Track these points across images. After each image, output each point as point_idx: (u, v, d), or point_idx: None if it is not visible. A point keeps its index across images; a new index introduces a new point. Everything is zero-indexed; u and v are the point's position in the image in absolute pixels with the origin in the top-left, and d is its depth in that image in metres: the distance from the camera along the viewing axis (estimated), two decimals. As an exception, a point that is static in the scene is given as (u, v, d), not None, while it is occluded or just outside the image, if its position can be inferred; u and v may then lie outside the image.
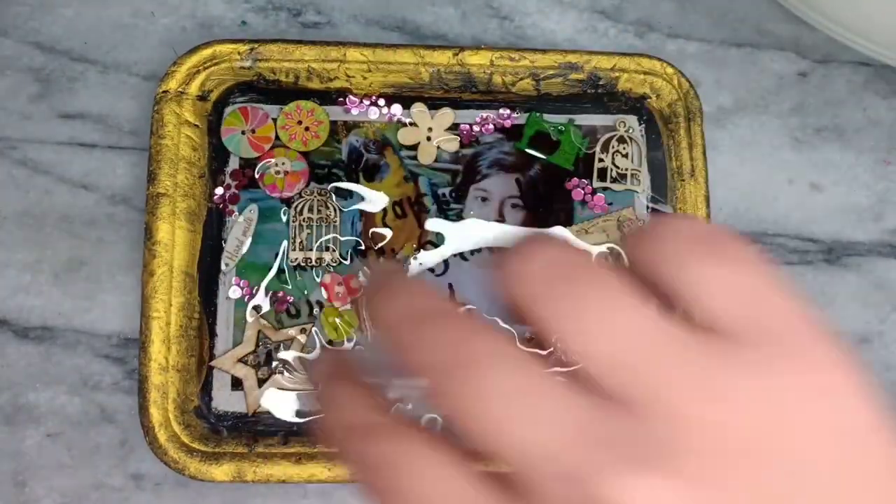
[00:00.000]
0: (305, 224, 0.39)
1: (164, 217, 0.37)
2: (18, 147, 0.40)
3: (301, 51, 0.39)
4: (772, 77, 0.44)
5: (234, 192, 0.39)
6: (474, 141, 0.41)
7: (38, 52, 0.41)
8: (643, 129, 0.42)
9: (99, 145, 0.40)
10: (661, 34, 0.44)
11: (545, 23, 0.44)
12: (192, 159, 0.38)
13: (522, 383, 0.14)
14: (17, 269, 0.38)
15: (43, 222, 0.39)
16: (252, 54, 0.39)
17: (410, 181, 0.40)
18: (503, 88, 0.40)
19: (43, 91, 0.40)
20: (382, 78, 0.40)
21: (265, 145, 0.39)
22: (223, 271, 0.38)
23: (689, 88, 0.41)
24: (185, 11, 0.42)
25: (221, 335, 0.38)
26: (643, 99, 0.41)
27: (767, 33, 0.45)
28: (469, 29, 0.43)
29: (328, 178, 0.40)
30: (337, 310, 0.38)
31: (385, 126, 0.41)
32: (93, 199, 0.39)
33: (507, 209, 0.40)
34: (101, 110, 0.40)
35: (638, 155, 0.41)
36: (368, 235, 0.39)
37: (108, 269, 0.39)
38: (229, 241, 0.39)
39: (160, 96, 0.38)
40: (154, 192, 0.37)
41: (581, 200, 0.41)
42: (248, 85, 0.40)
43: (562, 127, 0.41)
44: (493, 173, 0.41)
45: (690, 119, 0.41)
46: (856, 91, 0.44)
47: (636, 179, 0.41)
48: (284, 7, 0.43)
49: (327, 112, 0.40)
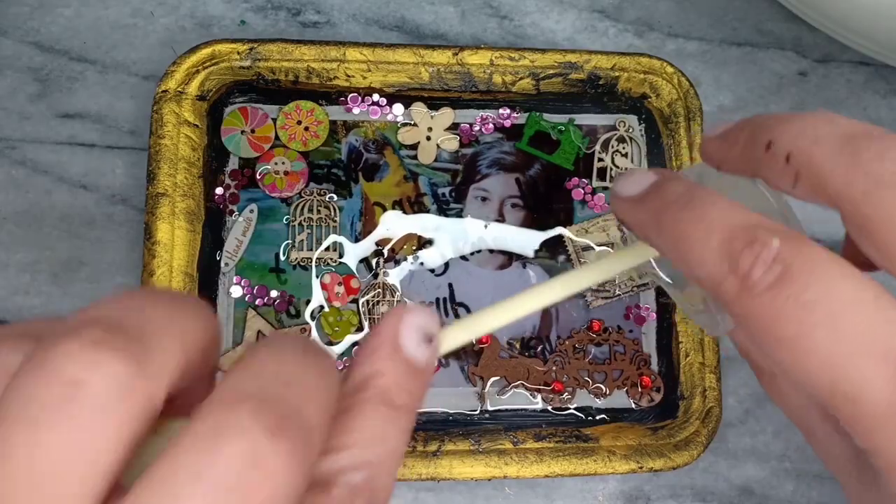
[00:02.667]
0: (305, 224, 0.39)
1: (164, 217, 0.37)
2: (17, 147, 0.39)
3: (300, 50, 0.39)
4: (772, 76, 0.44)
5: (233, 191, 0.39)
6: (474, 140, 0.41)
7: (38, 52, 0.41)
8: (643, 128, 0.42)
9: (98, 145, 0.40)
10: (661, 34, 0.44)
11: (545, 22, 0.44)
12: (191, 159, 0.38)
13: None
14: (16, 268, 0.38)
15: (42, 222, 0.39)
16: (251, 54, 0.39)
17: (410, 181, 0.40)
18: (503, 88, 0.40)
19: (42, 91, 0.40)
20: (382, 77, 0.40)
21: (265, 145, 0.39)
22: (223, 271, 0.38)
23: (689, 88, 0.41)
24: (185, 11, 0.42)
25: (221, 335, 0.37)
26: (643, 98, 0.41)
27: (767, 33, 0.45)
28: (469, 28, 0.43)
29: (328, 177, 0.40)
30: (337, 310, 0.38)
31: (385, 126, 0.41)
32: (92, 198, 0.39)
33: (506, 209, 0.40)
34: (100, 110, 0.40)
35: (638, 154, 0.41)
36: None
37: (107, 270, 0.39)
38: (229, 241, 0.38)
39: (159, 96, 0.38)
40: (153, 191, 0.37)
41: (581, 200, 0.41)
42: (247, 85, 0.40)
43: (562, 126, 0.41)
44: (493, 173, 0.41)
45: (690, 118, 0.41)
46: (855, 91, 0.44)
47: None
48: (284, 6, 0.43)
49: (327, 112, 0.40)
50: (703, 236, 0.17)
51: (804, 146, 0.17)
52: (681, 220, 0.17)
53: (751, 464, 0.40)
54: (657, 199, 0.18)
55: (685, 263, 0.17)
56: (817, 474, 0.40)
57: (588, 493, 0.39)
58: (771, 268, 0.15)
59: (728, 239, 0.16)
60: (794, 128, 0.18)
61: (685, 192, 0.18)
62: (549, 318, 0.39)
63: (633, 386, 0.39)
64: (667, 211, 0.18)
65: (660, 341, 0.40)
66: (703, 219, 0.17)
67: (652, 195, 0.19)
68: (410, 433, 0.16)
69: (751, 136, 0.19)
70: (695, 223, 0.17)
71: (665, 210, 0.18)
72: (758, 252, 0.16)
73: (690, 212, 0.17)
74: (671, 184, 0.19)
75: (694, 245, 0.17)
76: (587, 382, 0.38)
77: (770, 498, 0.40)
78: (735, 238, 0.16)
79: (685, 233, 0.17)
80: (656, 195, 0.19)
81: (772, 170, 0.18)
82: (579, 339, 0.39)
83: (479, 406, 0.38)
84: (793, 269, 0.15)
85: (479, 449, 0.36)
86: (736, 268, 0.16)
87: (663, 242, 0.18)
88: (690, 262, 0.17)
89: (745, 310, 0.16)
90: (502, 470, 0.36)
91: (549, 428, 0.37)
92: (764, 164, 0.18)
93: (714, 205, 0.17)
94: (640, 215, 0.19)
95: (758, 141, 0.18)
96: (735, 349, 0.40)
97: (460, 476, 0.36)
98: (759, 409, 0.40)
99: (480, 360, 0.38)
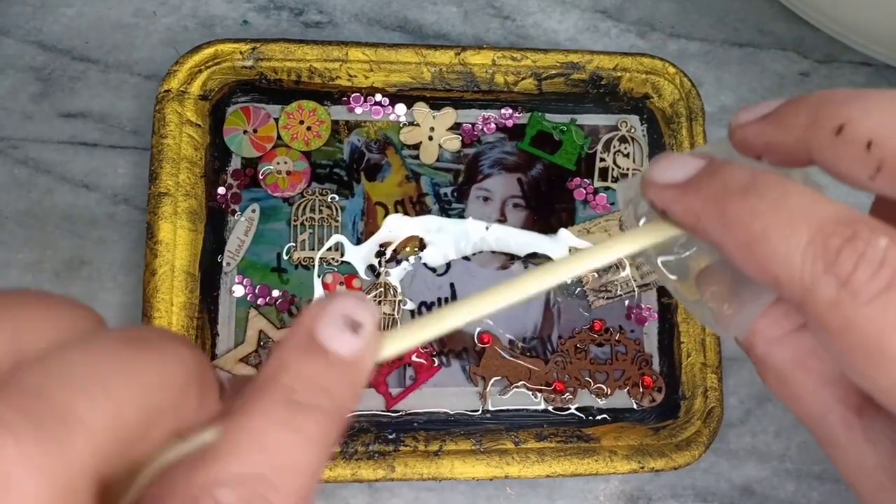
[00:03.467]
0: (307, 224, 0.39)
1: (166, 216, 0.37)
2: (20, 146, 0.40)
3: (303, 50, 0.39)
4: (773, 77, 0.44)
5: (235, 191, 0.39)
6: (476, 140, 0.41)
7: (40, 52, 0.41)
8: (645, 128, 0.42)
9: (100, 145, 0.40)
10: (663, 34, 0.44)
11: (547, 22, 0.44)
12: (193, 159, 0.38)
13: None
14: (18, 268, 0.38)
15: (44, 222, 0.39)
16: (254, 54, 0.39)
17: (412, 181, 0.40)
18: (505, 88, 0.40)
19: (44, 90, 0.40)
20: (384, 77, 0.40)
21: (267, 145, 0.39)
22: (225, 271, 0.38)
23: (691, 88, 0.41)
24: (187, 11, 0.42)
25: (223, 335, 0.38)
26: (645, 99, 0.41)
27: (769, 33, 0.45)
28: (471, 28, 0.43)
29: (330, 177, 0.40)
30: (339, 309, 0.38)
31: (387, 125, 0.41)
32: (94, 198, 0.39)
33: (508, 209, 0.40)
34: (102, 110, 0.40)
35: (640, 155, 0.41)
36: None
37: (109, 269, 0.39)
38: (231, 240, 0.38)
39: (162, 96, 0.38)
40: (156, 191, 0.37)
41: (583, 200, 0.41)
42: (249, 84, 0.40)
43: (564, 127, 0.41)
44: (495, 173, 0.41)
45: (692, 119, 0.41)
46: (857, 91, 0.44)
47: (638, 179, 0.41)
48: (286, 6, 0.43)
49: (329, 111, 0.40)
50: (787, 230, 0.14)
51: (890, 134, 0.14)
52: (752, 211, 0.15)
53: (752, 464, 0.40)
54: (716, 185, 0.16)
55: (759, 262, 0.15)
56: (818, 475, 0.40)
57: (589, 493, 0.39)
58: (879, 271, 0.13)
59: (822, 234, 0.14)
60: (874, 108, 0.15)
61: (753, 178, 0.15)
62: (551, 317, 0.39)
63: (635, 386, 0.39)
64: (733, 199, 0.15)
65: (661, 341, 0.40)
66: (783, 208, 0.14)
67: (707, 180, 0.16)
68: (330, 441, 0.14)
69: (813, 117, 0.16)
70: (773, 214, 0.14)
71: (730, 198, 0.15)
72: (862, 250, 0.13)
73: (765, 201, 0.15)
74: (730, 168, 0.16)
75: (774, 239, 0.14)
76: (589, 382, 0.39)
77: (771, 498, 0.40)
78: (832, 233, 0.14)
79: (759, 226, 0.14)
80: (714, 180, 0.16)
81: (843, 158, 0.15)
82: (581, 339, 0.39)
83: (481, 406, 0.38)
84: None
85: (481, 449, 0.36)
86: (834, 268, 0.14)
87: (729, 236, 0.15)
88: (769, 259, 0.14)
89: (846, 319, 0.14)
90: (504, 470, 0.36)
91: (550, 428, 0.38)
92: (833, 151, 0.15)
93: (797, 193, 0.15)
94: (694, 204, 0.16)
95: (823, 124, 0.15)
96: (735, 349, 0.40)
97: (462, 476, 0.36)
98: (760, 410, 0.40)
99: (482, 360, 0.38)
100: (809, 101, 0.16)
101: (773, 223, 0.14)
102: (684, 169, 0.17)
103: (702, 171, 0.16)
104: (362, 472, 0.35)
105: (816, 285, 0.14)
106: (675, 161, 0.17)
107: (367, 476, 0.35)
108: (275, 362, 0.14)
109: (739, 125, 0.18)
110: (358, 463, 0.35)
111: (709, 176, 0.16)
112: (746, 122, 0.18)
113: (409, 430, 0.37)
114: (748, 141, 0.17)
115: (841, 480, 0.40)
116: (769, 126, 0.17)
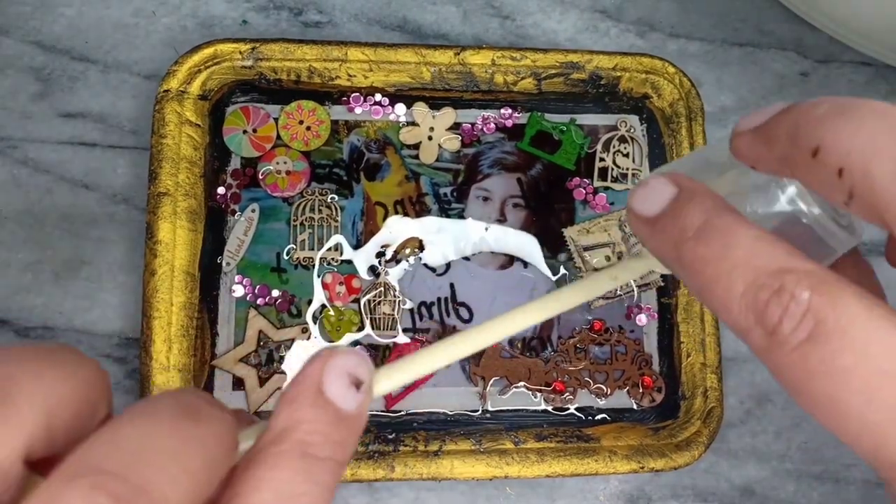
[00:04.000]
0: (307, 224, 0.39)
1: (166, 216, 0.37)
2: (19, 146, 0.40)
3: (302, 50, 0.39)
4: (773, 77, 0.44)
5: (235, 191, 0.39)
6: (476, 140, 0.41)
7: (39, 52, 0.41)
8: (644, 128, 0.42)
9: (100, 144, 0.40)
10: (663, 34, 0.44)
11: (547, 22, 0.44)
12: (193, 159, 0.38)
13: None
14: (17, 268, 0.38)
15: (44, 222, 0.39)
16: (253, 54, 0.39)
17: (412, 180, 0.40)
18: (505, 88, 0.40)
19: (44, 90, 0.40)
20: (384, 77, 0.40)
21: (266, 145, 0.39)
22: (224, 271, 0.38)
23: (691, 88, 0.41)
24: (186, 11, 0.42)
25: (222, 335, 0.38)
26: (644, 98, 0.41)
27: (769, 33, 0.45)
28: (470, 28, 0.43)
29: (329, 177, 0.40)
30: (339, 309, 0.38)
31: (386, 125, 0.41)
32: (94, 198, 0.39)
33: (508, 209, 0.40)
34: (102, 110, 0.40)
35: (639, 154, 0.41)
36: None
37: (108, 269, 0.39)
38: (230, 240, 0.38)
39: (161, 95, 0.38)
40: (155, 191, 0.37)
41: (582, 200, 0.41)
42: (249, 84, 0.40)
43: (563, 126, 0.41)
44: (495, 173, 0.41)
45: (692, 119, 0.41)
46: (857, 91, 0.44)
47: (637, 179, 0.41)
48: (286, 6, 0.43)
49: (329, 111, 0.40)
50: (726, 281, 0.15)
51: (860, 162, 0.15)
52: (701, 259, 0.16)
53: (752, 464, 0.40)
54: (675, 228, 0.17)
55: (709, 306, 0.16)
56: (818, 475, 0.40)
57: (589, 493, 0.39)
58: (801, 323, 0.14)
59: (753, 286, 0.15)
60: (846, 132, 0.15)
61: (705, 223, 0.16)
62: (551, 318, 0.39)
63: (635, 386, 0.39)
64: (685, 244, 0.16)
65: (661, 341, 0.40)
66: (726, 258, 0.16)
67: (670, 221, 0.17)
68: (335, 486, 0.15)
69: (792, 136, 0.16)
70: (716, 263, 0.16)
71: (684, 243, 0.16)
72: (786, 304, 0.15)
73: (711, 249, 0.16)
74: (689, 208, 0.17)
75: (717, 289, 0.16)
76: (588, 382, 0.39)
77: (771, 498, 0.40)
78: (761, 286, 0.15)
79: (707, 274, 0.16)
80: (674, 222, 0.17)
81: (820, 182, 0.16)
82: (581, 340, 0.39)
83: (481, 406, 0.38)
84: (826, 326, 0.14)
85: (481, 449, 0.36)
86: (763, 319, 0.15)
87: (685, 279, 0.17)
88: (715, 307, 0.16)
89: (775, 364, 0.15)
90: (503, 470, 0.36)
91: (550, 428, 0.38)
92: (809, 172, 0.16)
93: (737, 240, 0.16)
94: (658, 244, 0.17)
95: (801, 144, 0.16)
96: (734, 350, 0.40)
97: (461, 476, 0.36)
98: (760, 410, 0.40)
99: (482, 360, 0.38)
100: (790, 118, 0.16)
101: (716, 273, 0.16)
102: (659, 200, 0.17)
103: (667, 208, 0.17)
104: (362, 471, 0.35)
105: (751, 333, 0.15)
106: (651, 190, 0.18)
107: (366, 476, 0.35)
108: (287, 416, 0.15)
109: (736, 135, 0.18)
110: (358, 463, 0.35)
111: (672, 216, 0.17)
112: (742, 131, 0.18)
113: (409, 430, 0.37)
114: (742, 152, 0.18)
115: (841, 480, 0.40)
116: (757, 140, 0.17)
